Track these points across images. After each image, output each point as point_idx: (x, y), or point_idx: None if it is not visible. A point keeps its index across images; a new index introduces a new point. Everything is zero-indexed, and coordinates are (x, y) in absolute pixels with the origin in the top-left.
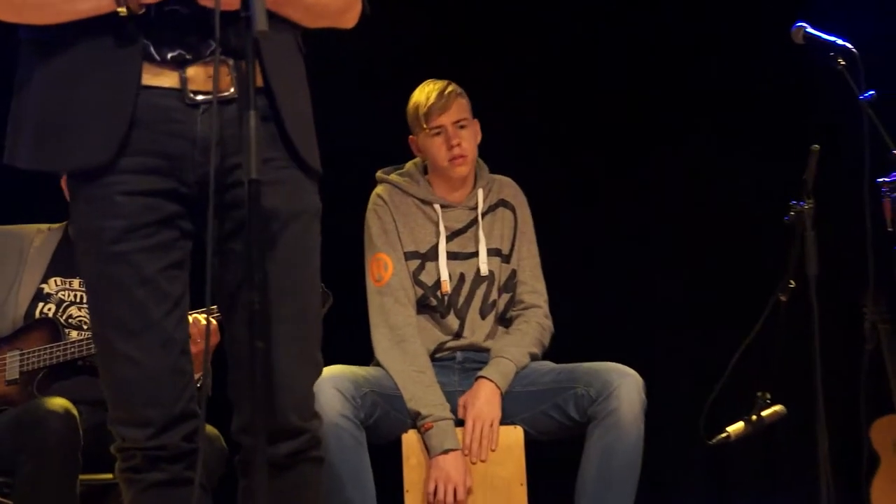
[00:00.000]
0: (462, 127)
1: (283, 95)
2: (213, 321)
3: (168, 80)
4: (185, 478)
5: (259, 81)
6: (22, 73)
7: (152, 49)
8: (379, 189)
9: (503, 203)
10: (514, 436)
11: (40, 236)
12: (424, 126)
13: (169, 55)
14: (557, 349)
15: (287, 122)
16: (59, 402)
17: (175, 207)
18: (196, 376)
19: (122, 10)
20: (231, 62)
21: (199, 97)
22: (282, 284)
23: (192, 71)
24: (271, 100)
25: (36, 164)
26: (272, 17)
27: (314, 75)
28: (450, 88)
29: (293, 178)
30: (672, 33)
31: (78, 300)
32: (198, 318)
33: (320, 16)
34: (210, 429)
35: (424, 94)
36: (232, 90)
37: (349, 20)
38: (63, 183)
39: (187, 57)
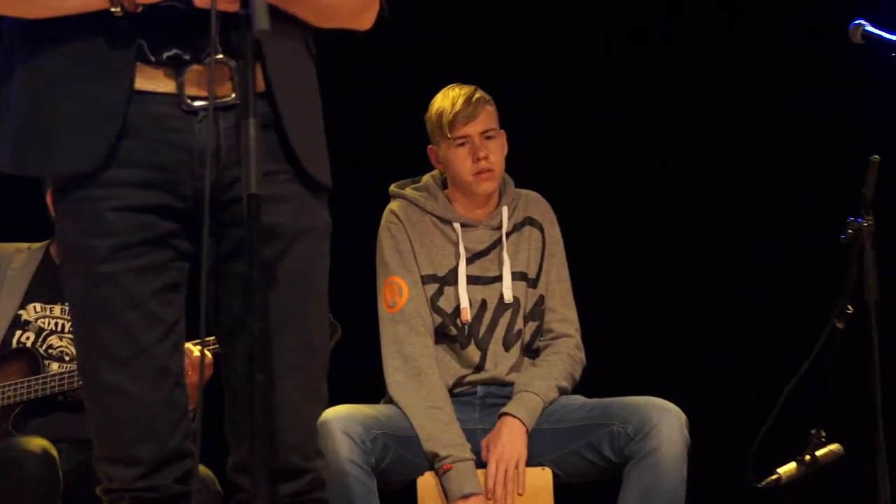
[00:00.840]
0: (489, 138)
1: (287, 101)
2: (208, 354)
3: (164, 84)
4: None
5: (261, 86)
6: (8, 63)
7: (146, 48)
8: (393, 205)
9: (530, 221)
10: (542, 478)
11: (19, 257)
12: (448, 135)
13: (165, 55)
14: (590, 382)
15: (290, 131)
16: (36, 442)
17: (170, 225)
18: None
19: (117, 11)
20: (232, 64)
21: (198, 103)
22: (284, 310)
23: (189, 74)
24: (273, 106)
25: (16, 169)
26: (279, 15)
27: (320, 78)
28: (478, 95)
29: (297, 193)
30: (720, 37)
31: (59, 329)
32: (190, 348)
33: (333, 16)
34: (203, 470)
35: (449, 99)
36: (233, 95)
37: (365, 21)
38: (48, 198)
39: (185, 57)
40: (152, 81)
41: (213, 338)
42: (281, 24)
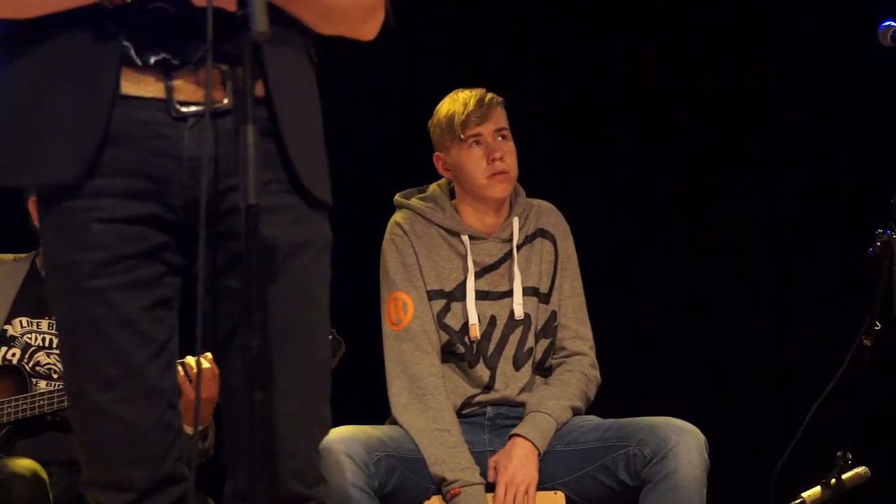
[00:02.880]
0: (503, 138)
1: (287, 109)
2: (215, 368)
3: (151, 88)
4: None
5: (259, 91)
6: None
7: (133, 52)
8: (398, 216)
9: (542, 233)
10: (554, 503)
11: (3, 269)
12: (461, 135)
13: (152, 59)
14: (605, 402)
15: (288, 139)
16: (25, 464)
17: (161, 237)
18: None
19: (106, 2)
20: (225, 68)
21: (188, 109)
22: (282, 327)
23: (179, 79)
24: (271, 113)
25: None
26: (281, 20)
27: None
28: (489, 96)
29: (295, 204)
30: (741, 36)
31: (46, 344)
32: (190, 362)
33: (337, 21)
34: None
35: (460, 101)
36: (226, 101)
37: (369, 31)
38: (30, 205)
39: (173, 62)
40: (139, 86)
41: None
42: (282, 29)
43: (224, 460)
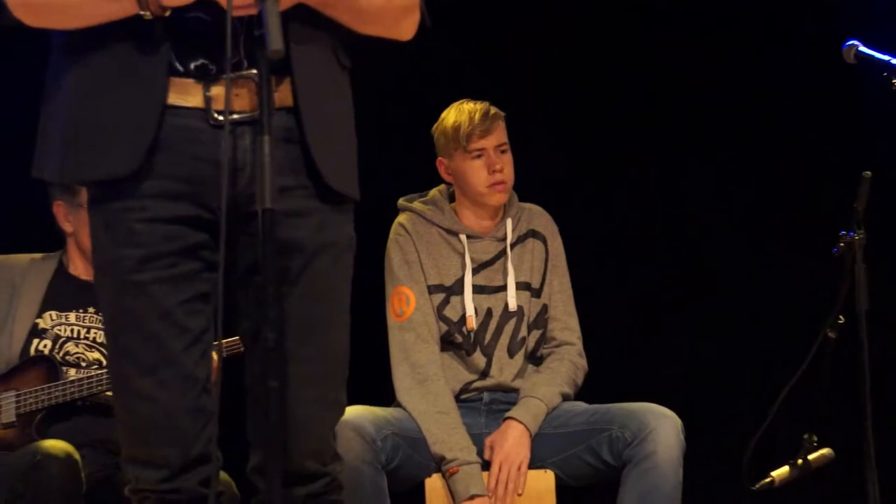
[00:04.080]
0: (503, 152)
1: (313, 117)
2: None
3: (192, 99)
4: None
5: (288, 100)
6: (51, 80)
7: (175, 60)
8: (401, 218)
9: (533, 233)
10: (544, 480)
11: (33, 267)
12: (465, 147)
13: (192, 65)
14: (591, 389)
15: (314, 147)
16: (59, 446)
17: (199, 236)
18: None
19: (147, 14)
20: (258, 78)
21: (223, 117)
22: (304, 322)
23: (216, 89)
24: (298, 121)
25: (60, 177)
26: (314, 21)
27: None
28: (493, 110)
29: (318, 209)
30: (715, 54)
31: (75, 335)
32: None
33: (372, 21)
34: (221, 475)
35: (466, 113)
36: (259, 111)
37: (406, 31)
38: (55, 209)
39: (211, 68)
40: (182, 96)
41: (235, 338)
42: (313, 35)
43: (248, 438)
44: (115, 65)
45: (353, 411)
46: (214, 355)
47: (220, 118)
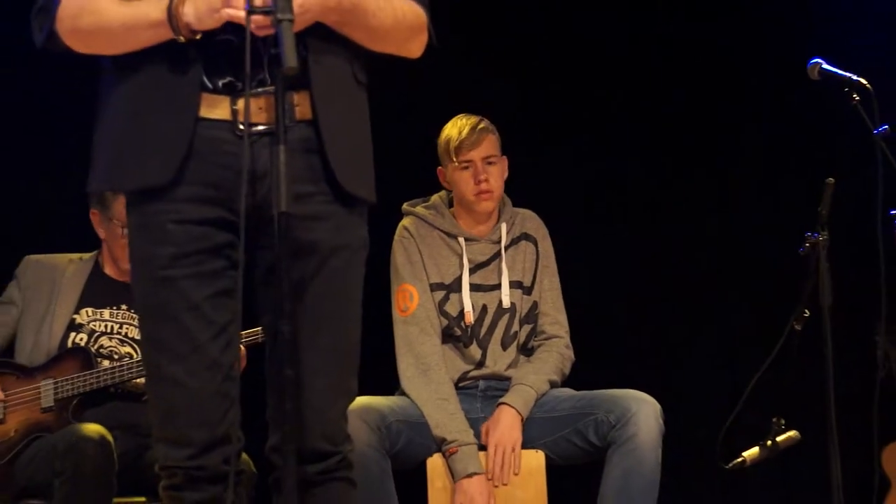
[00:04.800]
0: (490, 163)
1: (331, 128)
2: (242, 347)
3: (221, 111)
4: (223, 500)
5: (308, 114)
6: (102, 99)
7: (205, 77)
8: (405, 221)
9: (525, 236)
10: (535, 460)
11: (72, 267)
12: (454, 159)
13: (220, 83)
14: (577, 377)
15: (332, 156)
16: (93, 428)
17: (225, 237)
18: None
19: (181, 38)
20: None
21: (250, 128)
22: (319, 318)
23: (241, 103)
24: (318, 133)
25: (104, 186)
26: (332, 41)
27: None
28: (482, 125)
29: (335, 213)
30: (692, 71)
31: (108, 330)
32: None
33: (384, 40)
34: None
35: (457, 128)
36: None
37: (415, 49)
38: (91, 216)
39: (237, 84)
40: (212, 109)
41: (257, 329)
42: (331, 53)
43: (267, 420)
44: (153, 84)
45: (359, 401)
46: (243, 347)
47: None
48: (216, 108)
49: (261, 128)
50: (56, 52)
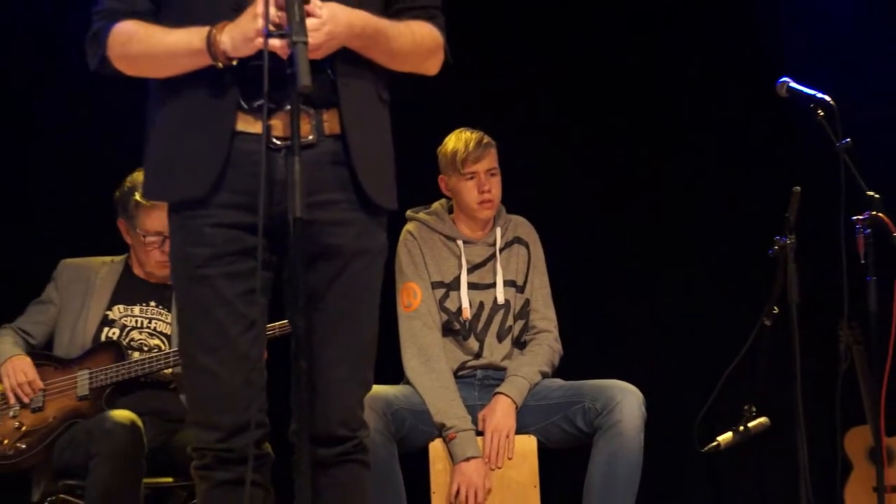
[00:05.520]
0: (492, 175)
1: (359, 142)
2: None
3: (256, 126)
4: (251, 480)
5: (336, 129)
6: (149, 118)
7: (241, 99)
8: (409, 226)
9: (518, 240)
10: (528, 444)
11: (104, 268)
12: (461, 170)
13: (255, 104)
14: (566, 368)
15: (359, 167)
16: (125, 414)
17: (255, 240)
18: None
19: (219, 64)
20: (311, 112)
21: (280, 142)
22: (341, 314)
23: (274, 120)
24: (346, 146)
25: (152, 196)
26: (357, 64)
27: None
28: (486, 140)
29: (359, 220)
30: (673, 92)
31: (138, 325)
32: None
33: (404, 61)
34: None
35: (462, 141)
36: (311, 137)
37: (432, 67)
38: (118, 224)
39: (270, 106)
40: (247, 124)
41: (285, 321)
42: (357, 75)
43: (291, 407)
44: (193, 105)
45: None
46: None
47: (278, 143)
48: (250, 124)
49: (288, 142)
50: (107, 75)
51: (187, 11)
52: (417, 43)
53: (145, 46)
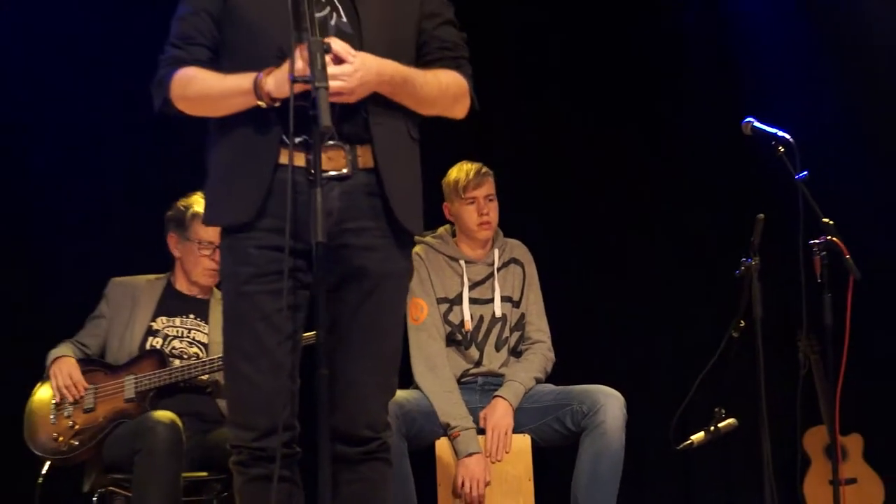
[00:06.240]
0: (490, 200)
1: (390, 175)
2: None
3: (298, 160)
4: (281, 475)
5: (370, 163)
6: (208, 150)
7: (285, 136)
8: (417, 248)
9: (514, 261)
10: (523, 442)
11: (149, 285)
12: (462, 196)
13: (297, 140)
14: (558, 374)
15: (391, 197)
16: (166, 415)
17: (295, 261)
18: None
19: (263, 104)
20: (347, 147)
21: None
22: (369, 328)
23: (312, 154)
24: (378, 178)
25: (208, 222)
26: (389, 106)
27: None
28: (484, 170)
29: (387, 246)
30: (650, 130)
31: (179, 335)
32: None
33: (431, 106)
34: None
35: (463, 171)
36: (346, 170)
37: (459, 112)
38: (168, 238)
39: (310, 142)
40: (287, 158)
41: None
42: (388, 116)
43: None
44: (243, 141)
45: None
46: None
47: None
48: (295, 158)
49: (331, 173)
50: (170, 115)
51: (240, 59)
52: (443, 90)
53: (202, 89)
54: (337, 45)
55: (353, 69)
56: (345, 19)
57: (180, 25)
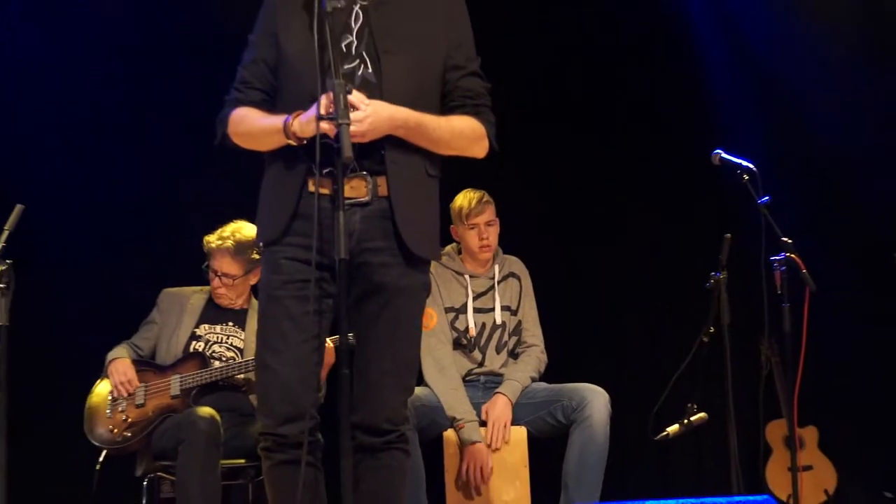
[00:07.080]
0: (490, 225)
1: (400, 204)
2: (331, 343)
3: (324, 188)
4: (300, 460)
5: (385, 192)
6: (264, 179)
7: (314, 167)
8: None
9: (512, 275)
10: (520, 434)
11: (195, 295)
12: (465, 222)
13: (324, 171)
14: (550, 374)
15: (400, 223)
16: (206, 410)
17: (320, 273)
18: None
19: (292, 142)
20: (368, 177)
21: (344, 201)
22: (389, 336)
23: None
24: (391, 205)
25: (258, 238)
26: (406, 145)
27: None
28: (485, 198)
29: (400, 264)
30: (628, 157)
31: (219, 340)
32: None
33: (446, 147)
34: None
35: (467, 199)
36: (366, 197)
37: (478, 152)
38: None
39: (335, 172)
40: (319, 187)
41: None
42: (405, 153)
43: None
44: (281, 171)
45: None
46: (329, 342)
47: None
48: (321, 187)
49: (352, 199)
50: (227, 148)
51: (285, 101)
52: (456, 134)
53: (249, 127)
54: (353, 95)
55: (364, 115)
56: (370, 70)
57: (242, 71)
